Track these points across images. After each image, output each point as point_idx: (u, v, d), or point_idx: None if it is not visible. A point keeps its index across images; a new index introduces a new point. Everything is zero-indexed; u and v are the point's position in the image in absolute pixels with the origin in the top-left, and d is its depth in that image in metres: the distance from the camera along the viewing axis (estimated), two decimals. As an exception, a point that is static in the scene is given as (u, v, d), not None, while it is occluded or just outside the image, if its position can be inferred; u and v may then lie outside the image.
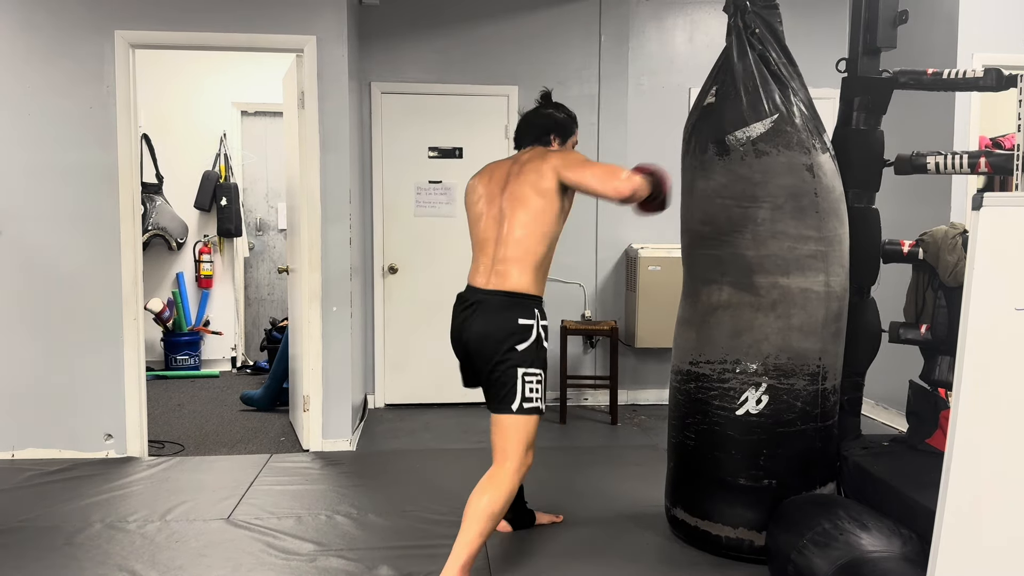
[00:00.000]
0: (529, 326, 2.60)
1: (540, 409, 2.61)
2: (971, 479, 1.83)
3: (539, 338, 2.61)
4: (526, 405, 2.58)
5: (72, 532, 3.10)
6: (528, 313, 2.61)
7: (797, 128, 2.72)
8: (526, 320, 2.60)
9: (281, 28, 4.05)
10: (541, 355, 2.63)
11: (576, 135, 2.91)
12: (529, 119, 2.89)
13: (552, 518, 3.19)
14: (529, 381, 2.59)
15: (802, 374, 2.75)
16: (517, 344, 2.59)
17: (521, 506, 3.11)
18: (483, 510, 2.51)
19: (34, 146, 3.93)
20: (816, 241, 2.73)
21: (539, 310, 2.65)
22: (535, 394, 2.59)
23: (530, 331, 2.60)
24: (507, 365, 2.58)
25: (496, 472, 2.58)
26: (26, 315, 3.98)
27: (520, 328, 2.59)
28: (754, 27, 2.78)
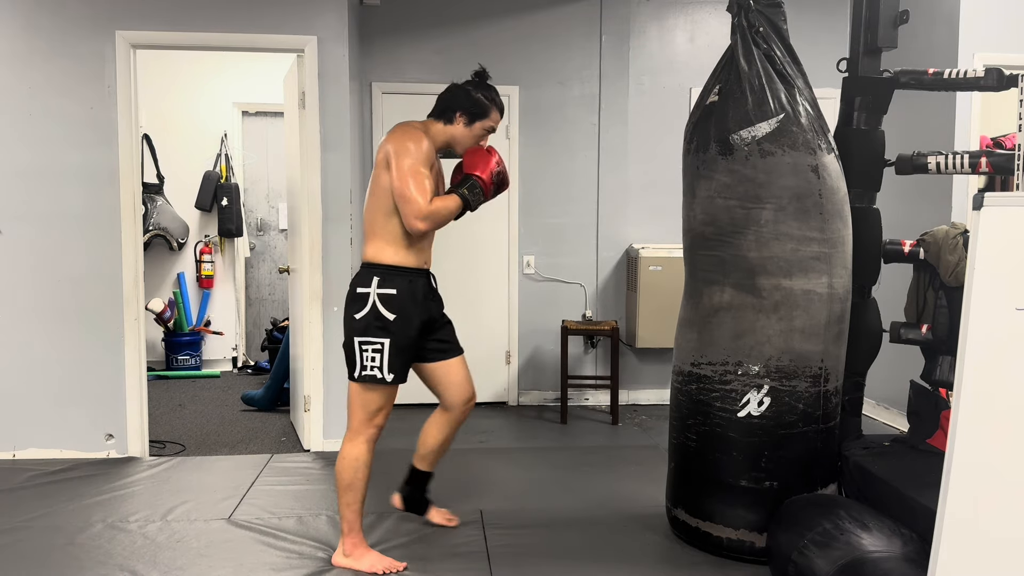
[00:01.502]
0: (365, 294, 2.64)
1: (377, 378, 2.64)
2: (972, 479, 1.83)
3: (375, 306, 2.62)
4: (363, 373, 2.63)
5: (73, 532, 3.10)
6: (365, 281, 2.65)
7: (803, 128, 2.71)
8: (362, 288, 2.65)
9: (282, 28, 4.05)
10: (380, 323, 2.62)
11: (492, 120, 2.78)
12: (447, 90, 2.81)
13: (445, 519, 3.12)
14: (365, 349, 2.63)
15: (804, 376, 2.75)
16: (355, 313, 2.65)
17: (421, 491, 3.08)
18: (338, 482, 2.72)
19: (35, 146, 3.93)
20: (820, 243, 2.72)
21: (378, 277, 2.64)
22: (372, 363, 2.61)
23: (366, 299, 2.63)
24: (347, 335, 2.68)
25: (345, 440, 2.72)
26: (27, 315, 3.98)
27: (357, 296, 2.66)
28: (758, 26, 2.77)
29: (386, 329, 2.63)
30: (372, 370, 2.63)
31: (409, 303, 2.67)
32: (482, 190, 2.70)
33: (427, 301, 2.78)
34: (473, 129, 2.76)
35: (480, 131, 2.78)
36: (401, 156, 2.60)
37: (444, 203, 2.62)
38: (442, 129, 2.76)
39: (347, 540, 2.75)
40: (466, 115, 2.74)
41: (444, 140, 2.77)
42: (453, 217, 2.66)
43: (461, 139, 2.77)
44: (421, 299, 2.73)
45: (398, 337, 2.65)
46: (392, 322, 2.63)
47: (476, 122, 2.76)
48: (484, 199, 2.72)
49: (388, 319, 2.63)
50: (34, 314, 3.98)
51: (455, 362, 2.92)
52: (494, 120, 2.79)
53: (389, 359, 2.64)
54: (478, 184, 2.69)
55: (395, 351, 2.65)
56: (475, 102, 2.74)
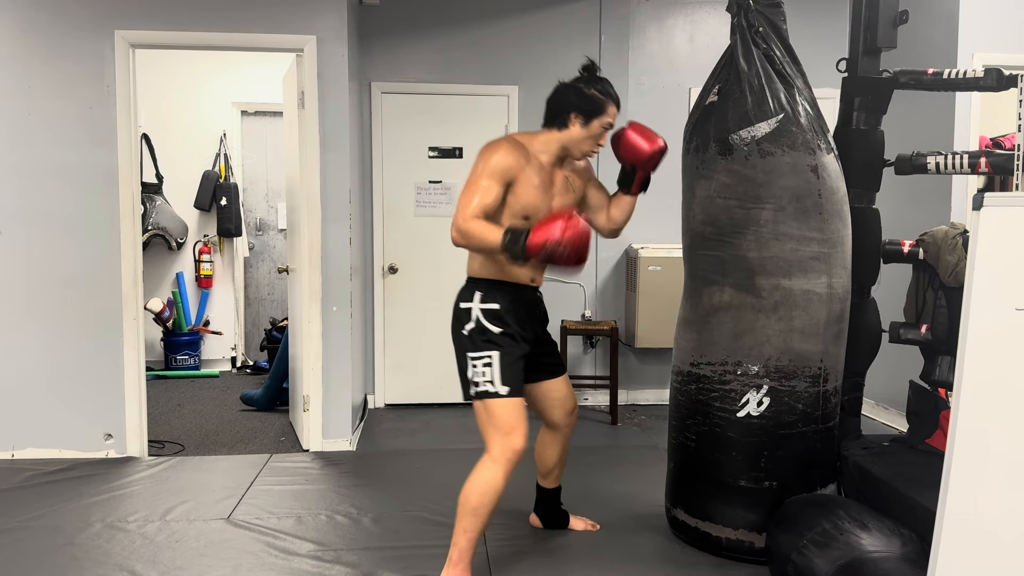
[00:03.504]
0: (467, 309, 2.58)
1: (490, 392, 2.51)
2: (972, 479, 1.83)
3: (479, 320, 2.55)
4: (476, 390, 2.55)
5: (72, 532, 3.10)
6: (467, 296, 2.60)
7: (803, 128, 2.71)
8: (465, 303, 2.59)
9: (281, 28, 4.05)
10: (487, 336, 2.54)
11: (610, 115, 2.59)
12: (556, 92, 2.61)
13: (588, 525, 3.10)
14: (475, 364, 2.54)
15: (803, 376, 2.75)
16: (462, 328, 2.59)
17: (555, 505, 3.07)
18: (461, 504, 2.52)
19: (34, 146, 3.93)
20: (819, 243, 2.72)
21: (480, 292, 2.58)
22: (483, 377, 2.52)
23: (469, 314, 2.57)
24: (458, 352, 2.60)
25: (480, 463, 2.54)
26: (26, 315, 3.98)
27: (461, 312, 2.60)
28: (758, 26, 2.77)
29: (492, 342, 2.54)
30: (484, 384, 2.52)
31: (513, 316, 2.58)
32: (523, 248, 2.35)
33: (532, 319, 2.71)
34: (591, 128, 2.58)
35: (598, 129, 2.59)
36: (476, 167, 2.48)
37: (483, 230, 2.40)
38: (555, 136, 2.60)
39: (454, 569, 2.52)
40: (581, 115, 2.55)
41: (559, 147, 2.61)
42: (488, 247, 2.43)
43: (580, 141, 2.60)
44: (525, 314, 2.65)
45: (506, 349, 2.55)
46: (497, 335, 2.55)
47: (593, 120, 2.56)
48: (523, 258, 2.38)
49: (493, 332, 2.55)
50: (33, 314, 3.98)
51: (560, 381, 2.85)
52: (611, 115, 2.59)
53: (501, 371, 2.52)
54: (522, 239, 2.34)
55: (506, 363, 2.53)
56: (588, 99, 2.54)
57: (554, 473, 3.01)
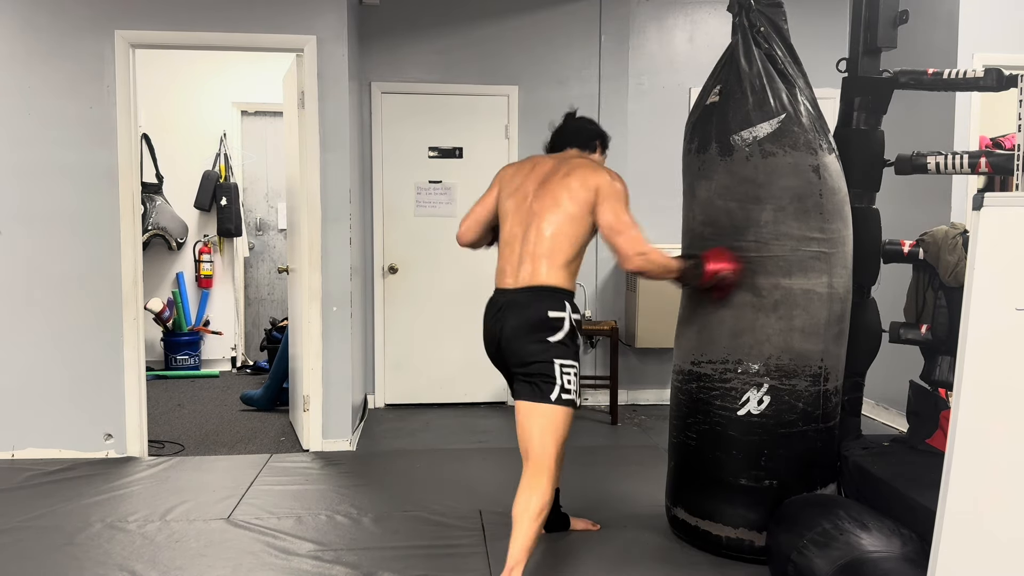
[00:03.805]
0: (561, 318, 2.56)
1: (576, 402, 2.58)
2: (971, 479, 1.83)
3: (572, 330, 2.59)
4: (564, 396, 2.54)
5: (72, 532, 3.10)
6: (559, 305, 2.57)
7: (804, 128, 2.71)
8: (557, 312, 2.56)
9: (281, 28, 4.05)
10: (574, 348, 2.59)
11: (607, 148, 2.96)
12: (580, 123, 2.90)
13: (588, 525, 3.12)
14: (567, 372, 2.55)
15: (804, 375, 2.75)
16: (549, 336, 2.55)
17: (555, 507, 3.05)
18: (536, 512, 2.46)
19: (34, 146, 3.93)
20: (820, 242, 2.72)
21: (570, 304, 2.61)
22: (572, 385, 2.55)
23: (562, 323, 2.56)
24: (543, 357, 2.54)
25: (535, 473, 2.51)
26: (26, 315, 3.98)
27: (551, 320, 2.56)
28: (759, 26, 2.77)
29: (577, 354, 2.62)
30: (573, 394, 2.55)
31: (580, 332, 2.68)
32: (701, 274, 2.71)
33: None
34: (604, 158, 2.92)
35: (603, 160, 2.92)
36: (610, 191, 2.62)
37: (662, 257, 2.65)
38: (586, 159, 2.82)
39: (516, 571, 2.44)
40: (602, 145, 2.91)
41: None
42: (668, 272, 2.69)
43: None
44: None
45: (580, 361, 2.64)
46: (579, 346, 2.65)
47: (606, 151, 2.94)
48: (697, 281, 2.75)
49: (579, 343, 2.64)
50: (33, 314, 3.98)
51: None
52: None
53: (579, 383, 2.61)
54: (702, 267, 2.70)
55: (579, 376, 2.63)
56: (605, 134, 2.94)
57: None
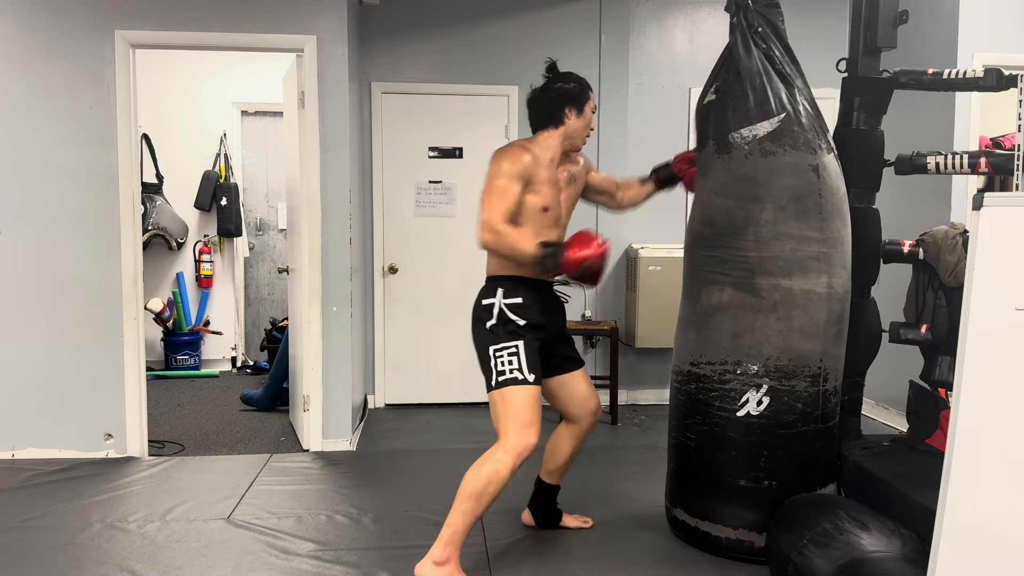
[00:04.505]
0: (490, 304, 2.66)
1: (518, 379, 2.57)
2: (971, 479, 1.83)
3: (502, 313, 2.63)
4: (500, 379, 2.58)
5: (72, 532, 3.10)
6: (489, 293, 2.68)
7: (804, 128, 2.71)
8: (487, 299, 2.67)
9: (281, 28, 4.05)
10: (510, 328, 2.62)
11: (592, 100, 2.78)
12: (537, 97, 2.77)
13: (581, 522, 3.13)
14: (500, 355, 2.60)
15: (803, 376, 2.75)
16: (485, 324, 2.66)
17: (550, 503, 3.08)
18: (466, 487, 2.52)
19: (34, 146, 3.93)
20: (819, 242, 2.72)
21: (503, 288, 2.66)
22: (509, 365, 2.58)
23: (491, 309, 2.65)
24: (479, 348, 2.68)
25: (491, 450, 2.57)
26: (26, 315, 3.98)
27: (483, 307, 2.68)
28: (757, 26, 2.77)
29: (516, 333, 2.62)
30: (512, 372, 2.57)
31: (535, 309, 2.67)
32: (557, 263, 2.51)
33: (551, 312, 2.78)
34: (584, 116, 2.74)
35: (590, 114, 2.76)
36: (491, 173, 2.61)
37: (517, 237, 2.53)
38: (556, 134, 2.73)
39: (445, 548, 2.54)
40: (574, 107, 2.72)
41: (561, 142, 2.73)
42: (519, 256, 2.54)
43: (579, 130, 2.75)
44: (545, 308, 2.73)
45: (528, 340, 2.63)
46: (522, 327, 2.63)
47: (585, 107, 2.74)
48: (556, 271, 2.55)
49: (518, 323, 2.63)
50: (33, 314, 3.98)
51: (579, 374, 2.91)
52: (592, 97, 2.79)
53: (527, 359, 2.59)
54: (559, 255, 2.50)
55: (529, 352, 2.61)
56: (573, 92, 2.73)
57: (560, 470, 3.02)
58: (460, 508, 2.53)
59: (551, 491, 3.08)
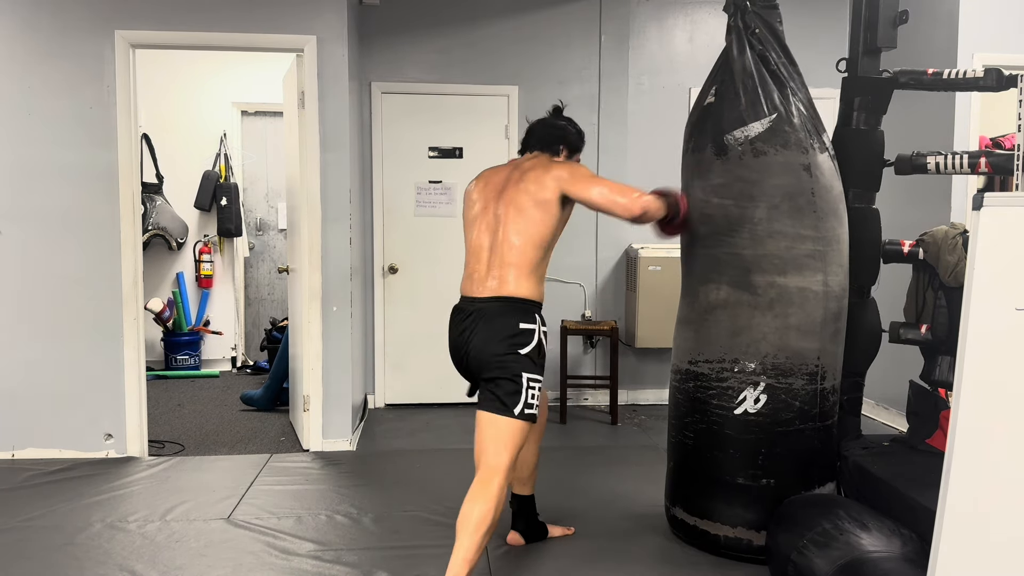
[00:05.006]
0: (531, 331, 2.55)
1: (535, 417, 2.57)
2: (971, 479, 1.83)
3: (540, 343, 2.57)
4: (527, 411, 2.53)
5: (72, 532, 3.10)
6: (529, 318, 2.56)
7: (795, 128, 2.72)
8: (527, 324, 2.55)
9: (281, 28, 4.05)
10: (541, 361, 2.58)
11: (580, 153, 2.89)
12: (544, 125, 2.83)
13: (564, 531, 3.10)
14: (532, 387, 2.54)
15: (800, 374, 2.75)
16: (520, 348, 2.53)
17: (533, 518, 3.04)
18: (478, 522, 2.40)
19: (34, 146, 3.93)
20: (814, 240, 2.72)
21: (539, 316, 2.60)
22: (535, 400, 2.55)
23: (532, 335, 2.54)
24: (511, 370, 2.52)
25: (485, 483, 2.48)
26: (26, 315, 3.98)
27: (522, 332, 2.53)
28: (754, 27, 2.78)
29: (542, 367, 2.59)
30: (534, 408, 2.55)
31: None
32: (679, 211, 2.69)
33: None
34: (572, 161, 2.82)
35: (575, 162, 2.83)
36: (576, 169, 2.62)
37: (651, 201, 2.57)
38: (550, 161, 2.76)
39: None
40: (568, 149, 2.80)
41: None
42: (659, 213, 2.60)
43: None
44: None
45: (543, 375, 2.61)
46: (543, 360, 2.61)
47: (575, 155, 2.83)
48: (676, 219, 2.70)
49: (544, 356, 2.61)
50: (33, 314, 3.98)
51: None
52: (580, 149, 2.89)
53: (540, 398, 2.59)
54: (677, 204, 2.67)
55: None
56: (575, 137, 2.83)
57: (531, 477, 2.97)
58: (475, 546, 2.39)
59: (530, 503, 3.02)
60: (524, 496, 3.00)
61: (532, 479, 2.98)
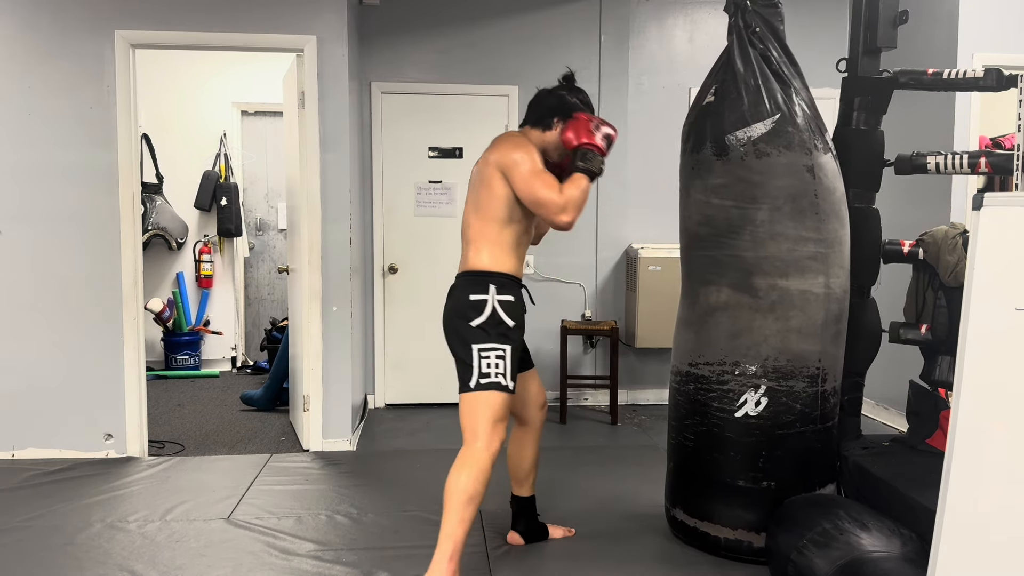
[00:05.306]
0: (482, 301, 2.57)
1: (502, 384, 2.54)
2: (971, 479, 1.83)
3: (494, 312, 2.56)
4: (483, 381, 2.54)
5: (72, 532, 3.10)
6: (480, 288, 2.58)
7: (799, 128, 2.71)
8: (477, 296, 2.57)
9: (281, 28, 4.05)
10: (501, 330, 2.56)
11: None
12: (538, 97, 2.77)
13: (565, 532, 3.08)
14: (486, 356, 2.54)
15: (801, 376, 2.75)
16: (470, 321, 2.56)
17: (533, 518, 3.02)
18: (460, 494, 2.47)
19: (34, 146, 3.93)
20: (816, 243, 2.72)
21: (495, 284, 2.58)
22: (494, 368, 2.54)
23: (483, 306, 2.56)
24: (463, 342, 2.58)
25: (466, 452, 2.53)
26: (26, 315, 3.98)
27: (471, 303, 2.57)
28: (755, 26, 2.77)
29: (506, 336, 2.57)
30: (497, 377, 2.53)
31: (521, 309, 2.65)
32: (596, 153, 2.64)
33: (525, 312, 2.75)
34: None
35: None
36: (517, 165, 2.57)
37: (573, 186, 2.57)
38: (539, 136, 2.72)
39: (450, 563, 2.47)
40: (564, 120, 2.71)
41: (540, 147, 2.71)
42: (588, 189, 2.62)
43: (558, 145, 2.72)
44: (523, 310, 2.69)
45: (515, 344, 2.60)
46: (511, 328, 2.58)
47: None
48: (602, 159, 2.67)
49: (508, 325, 2.58)
50: (33, 314, 3.98)
51: (532, 373, 2.91)
52: None
53: (511, 366, 2.57)
54: (590, 151, 2.63)
55: (514, 358, 2.59)
56: (572, 107, 2.72)
57: (531, 478, 2.96)
58: (457, 518, 2.47)
59: (530, 504, 3.00)
60: (523, 497, 2.99)
61: (530, 480, 2.97)
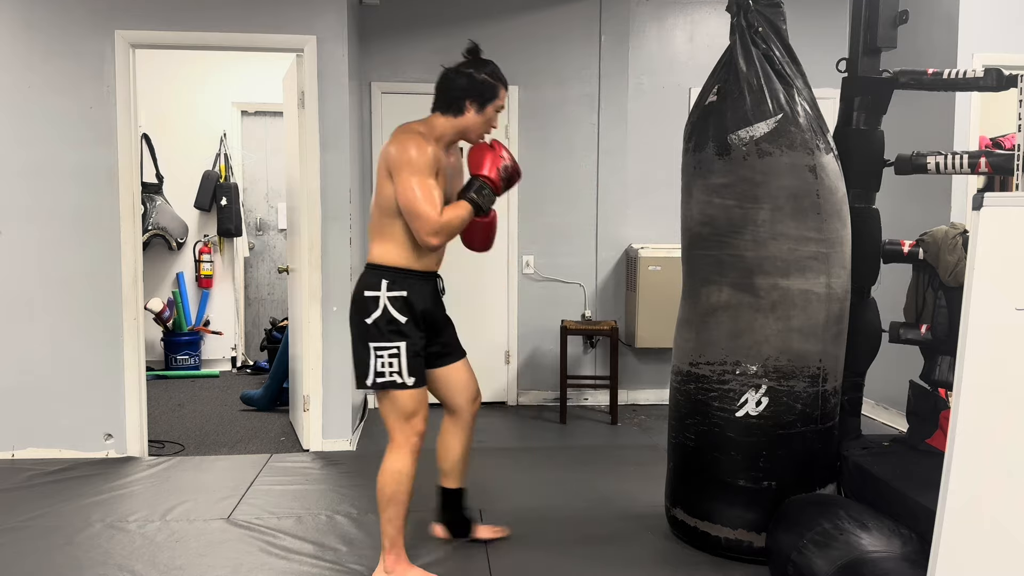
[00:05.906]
0: (374, 297, 2.52)
1: (396, 382, 2.52)
2: (971, 479, 1.83)
3: (386, 309, 2.50)
4: (379, 380, 2.53)
5: (72, 532, 3.10)
6: (373, 284, 2.53)
7: (801, 128, 2.71)
8: (371, 292, 2.53)
9: (281, 28, 4.05)
10: (394, 327, 2.52)
11: (501, 99, 2.62)
12: (445, 78, 2.61)
13: (495, 532, 2.99)
14: (380, 355, 2.51)
15: (802, 376, 2.75)
16: (365, 317, 2.53)
17: (458, 511, 2.96)
18: (382, 496, 2.59)
19: (34, 146, 3.93)
20: (817, 243, 2.72)
21: (387, 280, 2.53)
22: (389, 367, 2.51)
23: (376, 302, 2.52)
24: (358, 339, 2.56)
25: (387, 453, 2.61)
26: (26, 315, 3.98)
27: (365, 300, 2.54)
28: (757, 26, 2.77)
29: (399, 332, 2.52)
30: (391, 376, 2.52)
31: (419, 303, 2.57)
32: (491, 189, 2.59)
33: (435, 304, 2.69)
34: (485, 114, 2.60)
35: (492, 113, 2.62)
36: (404, 168, 2.44)
37: (455, 213, 2.50)
38: (451, 123, 2.60)
39: (388, 556, 2.62)
40: (476, 102, 2.57)
41: (455, 134, 2.63)
42: (467, 220, 2.56)
43: (474, 127, 2.62)
44: (431, 302, 2.64)
45: (411, 341, 2.54)
46: (404, 324, 2.52)
47: (487, 106, 2.59)
48: (495, 197, 2.62)
49: (400, 322, 2.52)
50: (33, 314, 3.98)
51: (459, 365, 2.82)
52: (503, 98, 2.63)
53: (408, 362, 2.53)
54: (486, 185, 2.58)
55: (411, 354, 2.54)
56: (481, 85, 2.56)
57: (458, 469, 2.91)
58: (385, 517, 2.61)
59: (455, 496, 2.95)
60: (448, 489, 2.95)
61: (457, 471, 2.91)
